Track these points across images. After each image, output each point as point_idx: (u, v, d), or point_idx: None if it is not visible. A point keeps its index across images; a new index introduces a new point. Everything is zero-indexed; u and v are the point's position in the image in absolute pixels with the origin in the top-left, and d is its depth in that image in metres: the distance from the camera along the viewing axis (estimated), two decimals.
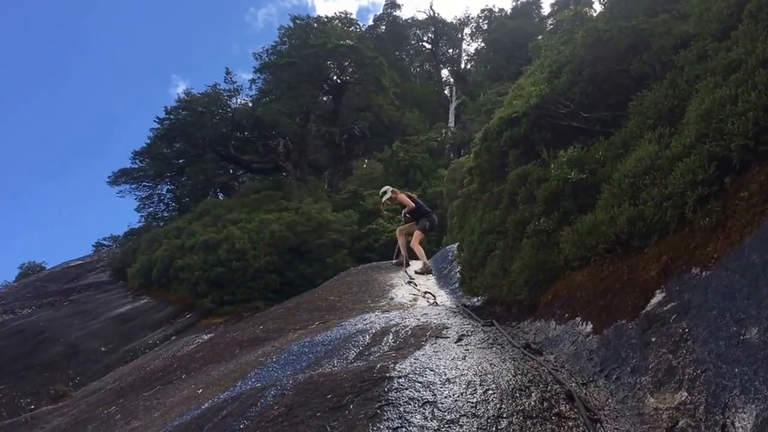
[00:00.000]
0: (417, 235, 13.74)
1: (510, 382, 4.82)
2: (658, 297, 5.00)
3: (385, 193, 14.40)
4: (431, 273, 13.24)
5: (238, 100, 40.97)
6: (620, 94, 7.26)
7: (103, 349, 21.38)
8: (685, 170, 5.11)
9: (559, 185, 6.96)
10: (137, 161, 39.32)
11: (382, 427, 3.95)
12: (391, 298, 10.96)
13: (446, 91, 58.66)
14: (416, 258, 14.24)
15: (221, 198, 38.82)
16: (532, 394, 4.71)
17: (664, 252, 5.26)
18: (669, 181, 5.29)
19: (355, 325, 7.60)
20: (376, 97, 39.37)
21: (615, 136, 6.96)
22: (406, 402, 4.27)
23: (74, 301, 27.70)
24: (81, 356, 20.91)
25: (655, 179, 5.54)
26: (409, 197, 14.20)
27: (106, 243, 41.69)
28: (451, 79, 61.22)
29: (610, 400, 4.83)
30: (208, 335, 18.10)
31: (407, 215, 14.19)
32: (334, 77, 40.07)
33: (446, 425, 4.07)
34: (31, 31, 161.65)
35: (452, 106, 46.76)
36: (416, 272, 13.25)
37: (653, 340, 4.75)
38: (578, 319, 5.90)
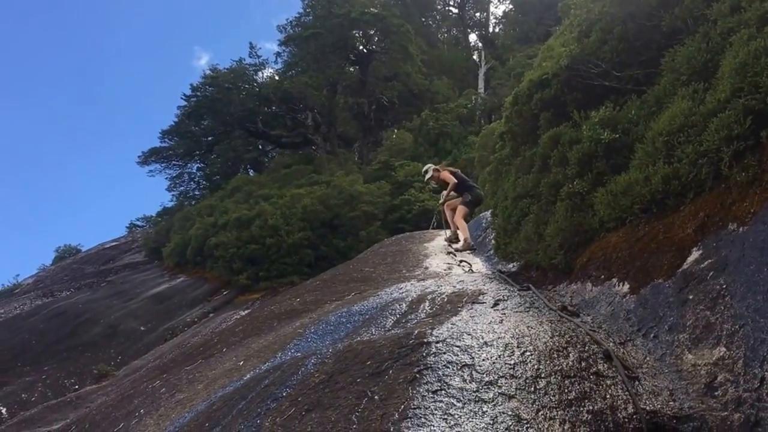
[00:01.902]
0: (460, 209, 13.14)
1: (547, 344, 4.88)
2: (695, 255, 5.00)
3: (426, 172, 13.91)
4: (473, 250, 12.70)
5: (264, 74, 41.04)
6: (652, 50, 7.18)
7: (142, 328, 21.76)
8: (720, 126, 5.08)
9: (592, 146, 6.93)
10: (166, 140, 39.63)
11: (421, 390, 4.04)
12: (426, 268, 11.03)
13: (475, 57, 57.93)
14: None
15: (252, 174, 38.98)
16: (570, 355, 4.76)
17: (701, 209, 5.25)
18: (704, 137, 5.26)
19: (391, 294, 7.68)
20: (404, 66, 39.08)
21: (648, 94, 6.90)
22: (444, 365, 4.36)
23: (111, 282, 28.18)
24: (121, 336, 21.32)
25: (689, 136, 5.51)
26: (452, 173, 13.61)
27: (139, 223, 42.29)
28: (480, 44, 60.43)
29: (648, 358, 4.87)
30: (245, 311, 18.33)
31: (448, 192, 13.61)
32: (360, 47, 39.87)
33: (485, 386, 4.15)
34: (51, 12, 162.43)
35: (481, 72, 46.24)
36: (457, 250, 12.82)
37: (690, 297, 4.76)
38: (614, 280, 5.93)
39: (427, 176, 13.77)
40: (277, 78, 41.00)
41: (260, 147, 43.69)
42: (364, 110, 39.93)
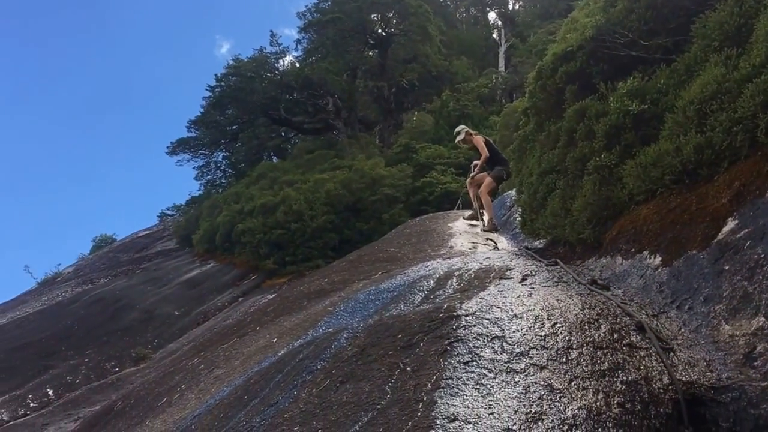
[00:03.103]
0: (487, 182, 12.37)
1: (578, 316, 4.80)
2: (731, 225, 4.88)
3: (459, 133, 13.20)
4: (497, 231, 12.07)
5: (285, 62, 41.01)
6: (681, 17, 7.00)
7: (176, 312, 21.98)
8: (756, 91, 4.93)
9: (620, 118, 6.79)
10: (192, 130, 39.82)
11: (453, 361, 3.98)
12: (451, 246, 10.95)
13: (494, 35, 57.19)
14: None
15: (275, 161, 39.01)
16: (602, 326, 4.68)
17: (736, 178, 5.12)
18: (738, 104, 5.11)
19: (418, 272, 7.62)
20: (423, 48, 38.79)
21: (677, 63, 6.73)
22: (474, 338, 4.29)
23: (145, 269, 28.50)
24: (156, 320, 21.56)
25: (722, 104, 5.37)
26: (486, 142, 12.81)
27: (169, 212, 42.58)
28: (499, 22, 59.58)
29: (682, 330, 4.77)
30: (273, 294, 18.42)
31: (480, 164, 12.81)
32: (379, 30, 39.64)
33: (516, 357, 4.08)
34: (75, 6, 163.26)
35: (501, 50, 45.81)
36: (483, 230, 12.28)
37: (726, 268, 4.65)
38: (645, 252, 5.82)
39: (459, 138, 13.14)
40: (297, 65, 40.96)
41: (283, 134, 43.73)
42: (384, 93, 39.78)
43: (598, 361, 4.22)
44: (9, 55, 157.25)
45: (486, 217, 12.44)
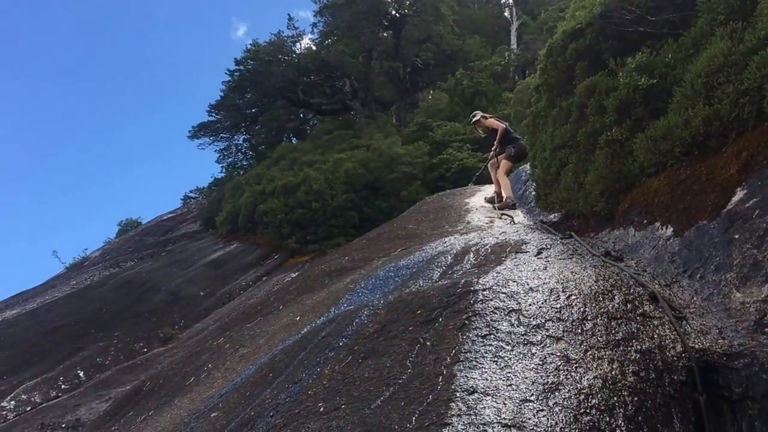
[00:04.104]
0: (503, 165, 12.25)
1: (592, 288, 4.81)
2: (740, 194, 4.87)
3: (474, 115, 13.11)
4: (514, 208, 11.83)
5: (302, 45, 40.92)
6: None
7: (201, 293, 22.16)
8: (762, 63, 4.90)
9: (630, 93, 6.75)
10: (213, 114, 39.89)
11: (471, 335, 4.02)
12: (468, 222, 10.96)
13: (506, 13, 56.60)
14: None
15: (295, 142, 39.02)
16: (615, 297, 4.69)
17: (744, 149, 5.09)
18: (744, 76, 5.08)
19: (436, 248, 7.64)
20: (436, 28, 38.52)
21: (684, 37, 6.68)
22: (492, 311, 4.32)
23: (171, 252, 28.71)
24: (182, 301, 21.75)
25: (729, 76, 5.33)
26: (499, 120, 12.83)
27: (193, 195, 42.83)
28: (510, 0, 59.23)
29: (694, 299, 4.77)
30: (296, 273, 18.52)
31: (497, 144, 12.62)
32: (393, 12, 39.33)
33: (532, 330, 4.11)
34: None
35: (513, 28, 45.29)
36: (496, 207, 12.09)
37: (736, 237, 4.65)
38: (657, 224, 5.81)
39: (474, 119, 13.03)
40: (314, 48, 40.84)
41: (302, 116, 43.70)
42: (400, 74, 39.59)
43: (613, 331, 4.24)
44: (29, 45, 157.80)
45: (504, 195, 12.22)
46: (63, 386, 17.17)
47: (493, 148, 12.83)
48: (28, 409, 16.12)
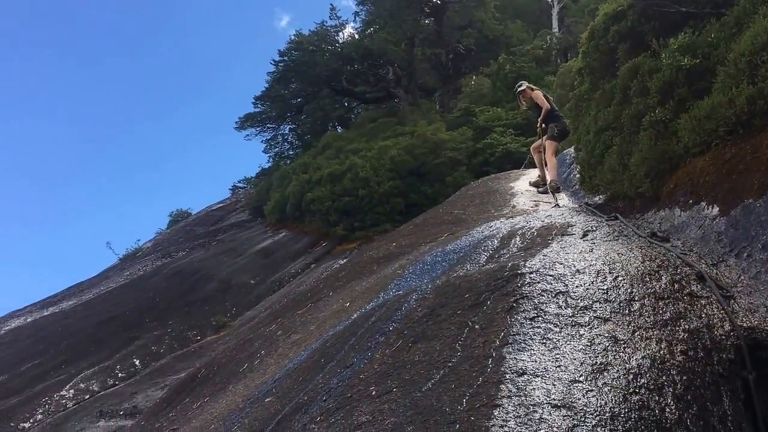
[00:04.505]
0: (549, 145, 11.81)
1: (639, 268, 4.80)
2: None
3: (520, 85, 12.69)
4: (559, 191, 11.45)
5: (345, 34, 40.99)
6: None
7: (252, 281, 22.44)
8: None
9: (673, 74, 6.67)
10: (259, 105, 40.22)
11: (519, 318, 4.05)
12: (514, 206, 10.93)
13: None
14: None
15: (340, 131, 39.15)
16: (662, 278, 4.67)
17: None
18: None
19: (482, 232, 7.66)
20: (477, 13, 38.19)
21: (727, 16, 6.57)
22: (539, 294, 4.35)
23: (221, 241, 29.08)
24: (234, 290, 22.05)
25: None
26: (545, 97, 12.23)
27: (241, 185, 43.34)
28: None
29: (742, 277, 4.73)
30: (344, 260, 18.64)
31: (540, 122, 12.26)
32: None
33: (580, 311, 4.13)
34: None
35: (554, 11, 44.59)
36: (541, 191, 11.95)
37: None
38: (703, 203, 5.75)
39: (520, 89, 12.61)
40: (357, 36, 40.86)
41: (346, 104, 43.80)
42: (442, 60, 39.41)
43: (660, 312, 4.24)
44: (77, 33, 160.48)
45: (549, 177, 12.01)
46: (120, 374, 17.57)
47: (537, 126, 12.60)
48: (87, 397, 16.54)
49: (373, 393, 3.77)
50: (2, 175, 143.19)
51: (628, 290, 4.44)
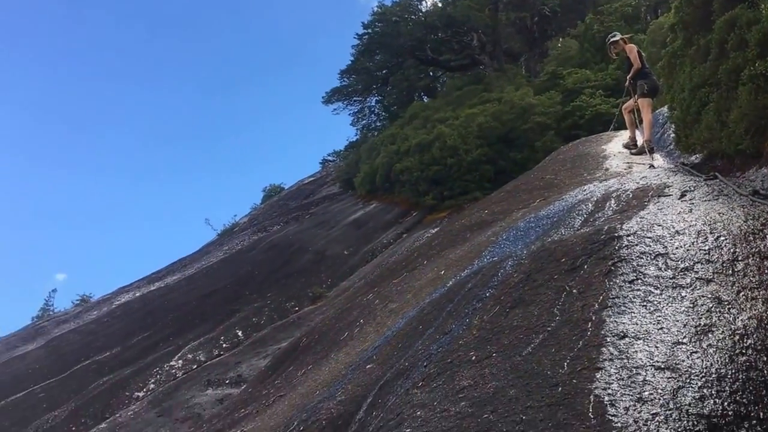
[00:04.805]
0: (643, 103, 11.39)
1: (741, 228, 4.65)
2: None
3: (614, 35, 12.31)
4: (653, 152, 10.90)
5: (428, 3, 40.66)
6: None
7: (345, 252, 22.78)
8: None
9: None
10: (344, 79, 40.48)
11: (618, 281, 4.00)
12: (606, 169, 10.68)
13: None
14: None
15: (426, 101, 38.98)
16: (767, 237, 4.51)
17: None
18: None
19: (576, 196, 7.54)
20: None
21: None
22: (638, 256, 4.27)
23: (313, 214, 29.60)
24: (328, 261, 22.46)
25: None
26: (639, 53, 11.79)
27: (330, 158, 43.84)
28: None
29: None
30: (435, 229, 18.67)
31: (629, 79, 11.83)
32: None
33: (681, 273, 4.04)
34: None
35: None
36: (634, 153, 11.51)
37: None
38: None
39: (613, 39, 12.23)
40: (440, 5, 40.47)
41: (431, 74, 43.53)
42: (528, 24, 38.51)
43: (766, 271, 4.10)
44: (168, 18, 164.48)
45: (642, 137, 11.61)
46: (224, 345, 18.25)
47: (626, 84, 12.20)
48: (194, 367, 17.27)
49: (473, 358, 3.80)
50: (108, 159, 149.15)
51: (731, 250, 4.31)
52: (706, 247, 4.34)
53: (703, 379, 3.09)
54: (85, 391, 18.49)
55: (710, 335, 3.43)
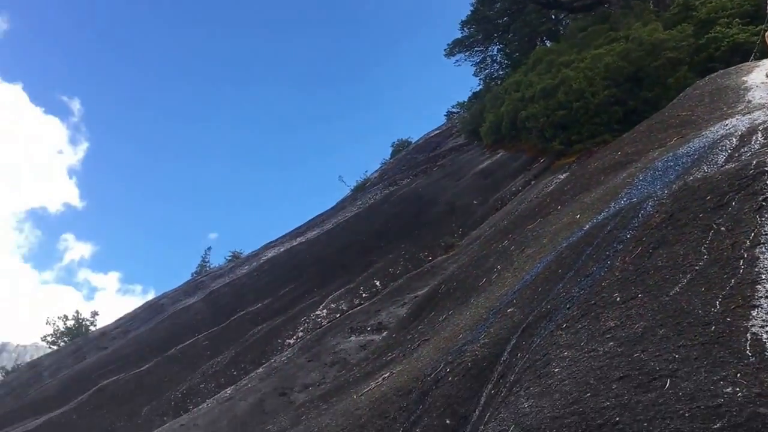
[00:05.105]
0: None
1: None
2: None
3: None
4: None
5: None
6: None
7: (474, 202, 22.74)
8: None
9: None
10: (465, 30, 39.87)
11: None
12: (749, 101, 10.03)
13: None
14: None
15: (549, 45, 37.80)
16: None
17: None
18: None
19: (716, 132, 7.16)
20: None
21: None
22: None
23: (441, 166, 29.67)
24: (458, 211, 22.53)
25: None
26: None
27: (455, 110, 43.55)
28: None
29: None
30: (564, 174, 18.26)
31: None
32: None
33: None
34: None
35: None
36: None
37: None
38: None
39: None
40: None
41: (553, 17, 42.10)
42: None
43: None
44: None
45: None
46: (363, 295, 18.79)
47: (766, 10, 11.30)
48: (338, 316, 17.92)
49: (618, 299, 3.73)
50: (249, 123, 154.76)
51: None
52: None
53: None
54: (243, 339, 19.68)
55: None
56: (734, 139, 6.14)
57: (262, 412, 13.04)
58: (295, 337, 18.14)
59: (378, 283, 19.02)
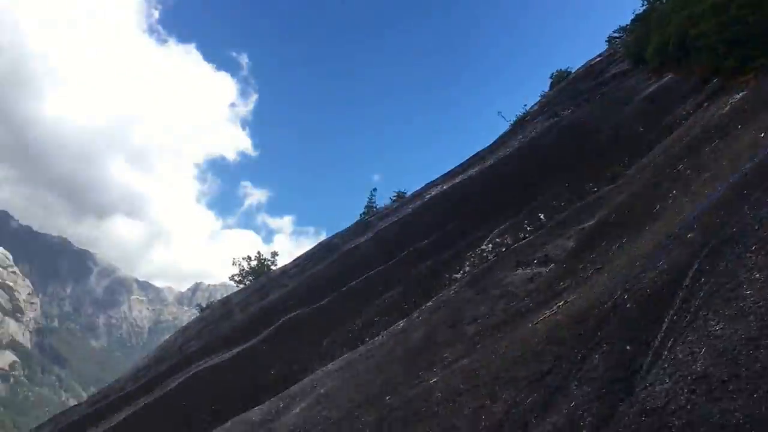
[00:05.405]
0: None
1: None
2: None
3: None
4: None
5: None
6: None
7: (640, 129, 21.80)
8: None
9: None
10: None
11: None
12: None
13: None
14: None
15: None
16: None
17: None
18: None
19: None
20: None
21: None
22: None
23: (604, 94, 28.55)
24: (622, 139, 21.71)
25: None
26: None
27: (616, 35, 41.51)
28: None
29: None
30: (740, 94, 17.02)
31: None
32: None
33: None
34: None
35: None
36: None
37: None
38: None
39: None
40: None
41: None
42: None
43: None
44: None
45: None
46: (528, 228, 18.69)
47: None
48: (503, 249, 17.98)
49: None
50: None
51: None
52: None
53: None
54: (411, 275, 20.33)
55: None
56: None
57: (434, 343, 13.42)
58: (461, 272, 18.45)
59: (542, 216, 18.84)
